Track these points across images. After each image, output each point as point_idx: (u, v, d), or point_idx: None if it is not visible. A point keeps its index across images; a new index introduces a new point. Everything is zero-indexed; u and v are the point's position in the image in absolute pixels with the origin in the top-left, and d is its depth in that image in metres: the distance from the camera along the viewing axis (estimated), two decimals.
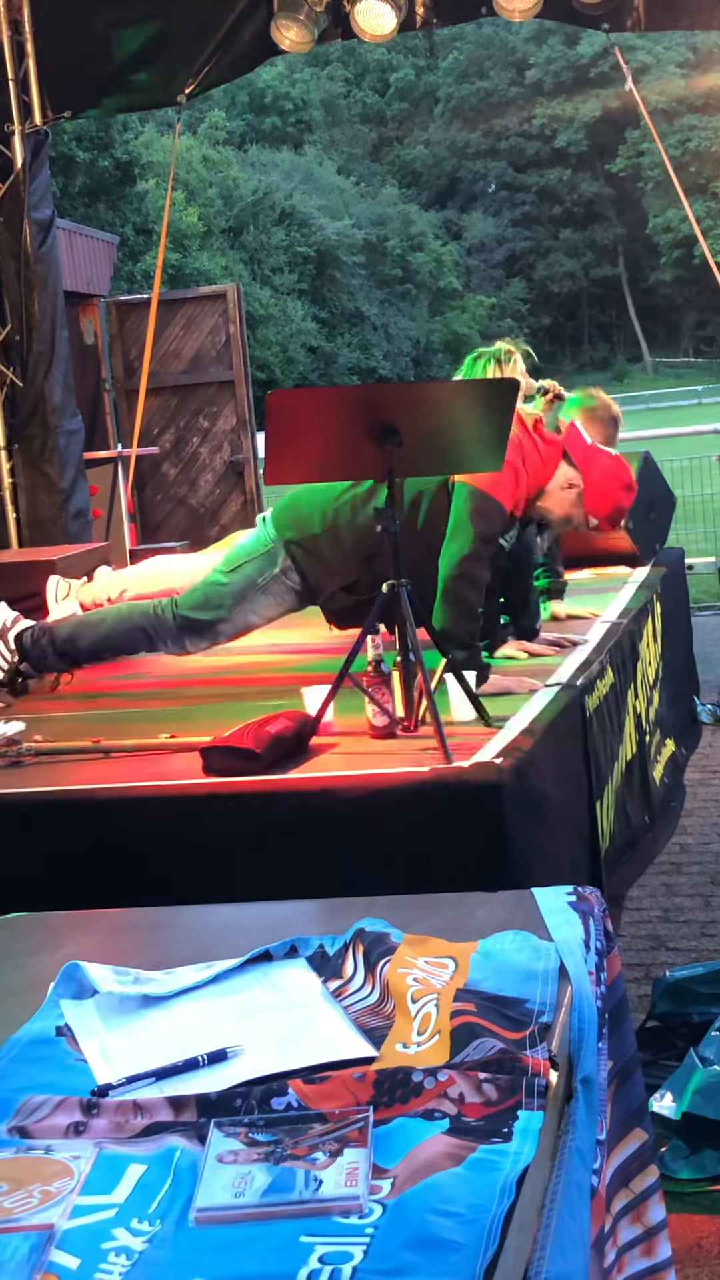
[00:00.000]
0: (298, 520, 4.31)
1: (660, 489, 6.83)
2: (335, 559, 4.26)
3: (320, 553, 4.27)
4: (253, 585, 4.34)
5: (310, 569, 4.31)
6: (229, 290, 10.94)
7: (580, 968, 1.84)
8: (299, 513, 4.32)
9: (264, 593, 4.36)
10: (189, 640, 4.42)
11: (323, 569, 4.29)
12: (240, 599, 4.36)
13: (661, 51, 65.51)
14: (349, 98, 74.40)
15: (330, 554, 4.25)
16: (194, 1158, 1.46)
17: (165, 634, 4.41)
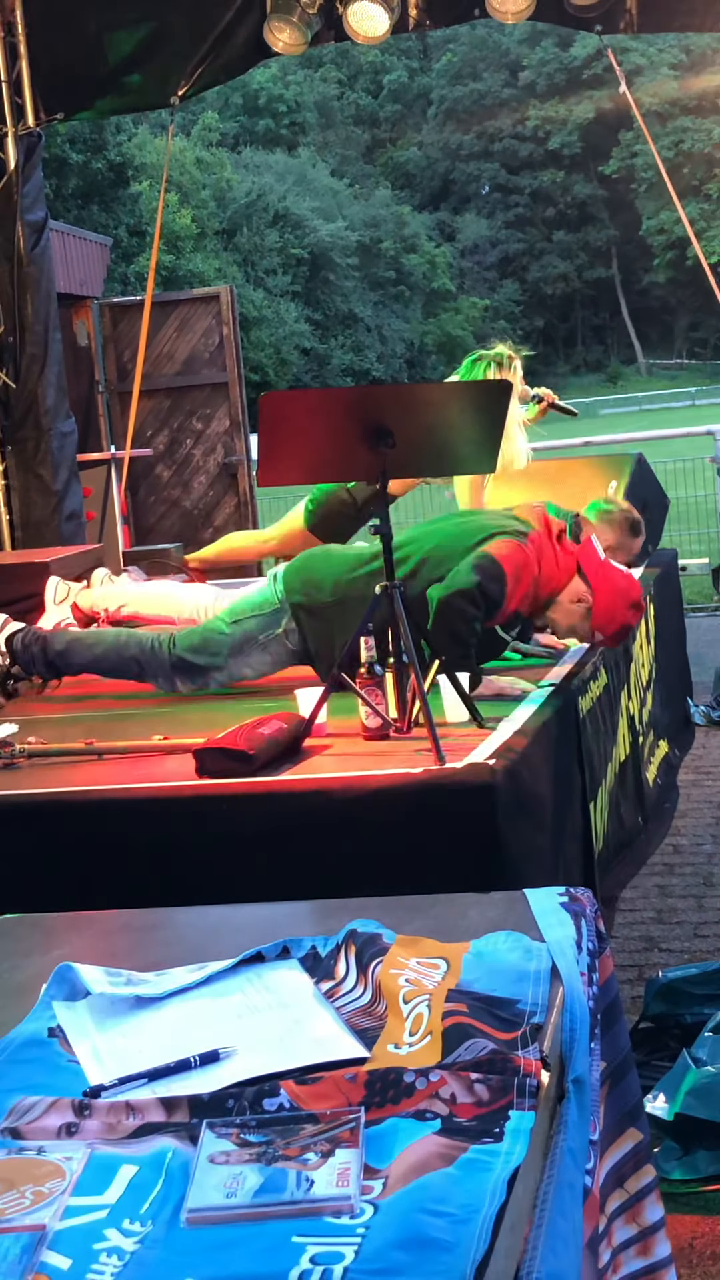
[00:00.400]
0: (308, 586, 4.27)
1: (653, 491, 6.84)
2: (340, 629, 4.18)
3: (327, 621, 4.22)
4: (252, 640, 4.32)
5: (314, 634, 4.26)
6: (222, 292, 10.94)
7: (572, 968, 1.84)
8: (311, 577, 4.28)
9: (263, 649, 4.33)
10: (180, 679, 4.39)
11: (326, 636, 4.23)
12: (237, 651, 4.33)
13: (655, 53, 65.61)
14: (342, 99, 74.43)
15: (336, 624, 4.19)
16: (186, 1158, 1.47)
17: (158, 669, 4.38)
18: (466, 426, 3.66)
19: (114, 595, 5.01)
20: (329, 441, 3.59)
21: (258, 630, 4.31)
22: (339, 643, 4.15)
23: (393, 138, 76.43)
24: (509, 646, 4.49)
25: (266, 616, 4.31)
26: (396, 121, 76.82)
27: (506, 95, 72.94)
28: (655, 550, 6.82)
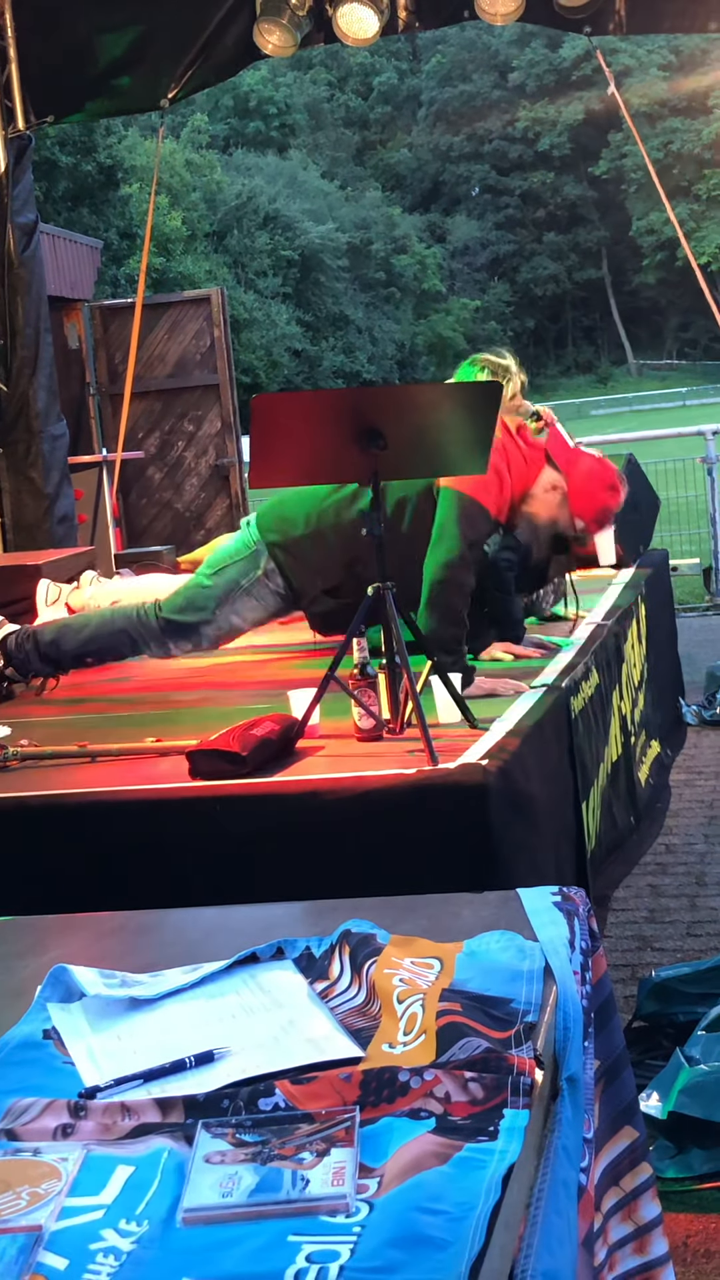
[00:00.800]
0: (281, 523, 4.31)
1: (644, 491, 6.85)
2: (318, 562, 4.26)
3: (303, 555, 4.28)
4: (236, 587, 4.35)
5: (293, 571, 4.31)
6: (213, 294, 10.94)
7: (565, 967, 1.85)
8: (283, 515, 4.33)
9: (247, 594, 4.37)
10: (172, 643, 4.43)
11: (306, 571, 4.29)
12: (223, 601, 4.37)
13: (644, 54, 65.73)
14: (332, 101, 74.45)
15: (313, 556, 4.26)
16: (181, 1158, 1.47)
17: (149, 636, 4.41)
18: (458, 427, 3.67)
19: (105, 593, 5.03)
20: (321, 443, 3.60)
21: (239, 576, 4.34)
22: (319, 575, 4.21)
23: (383, 139, 76.50)
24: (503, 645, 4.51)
25: (245, 561, 4.35)
26: (386, 123, 76.88)
27: (496, 97, 73.03)
28: (646, 551, 6.84)
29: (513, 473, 4.17)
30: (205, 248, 51.11)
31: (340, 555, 4.24)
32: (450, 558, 3.94)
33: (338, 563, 4.26)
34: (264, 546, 4.32)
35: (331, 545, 4.24)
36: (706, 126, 64.73)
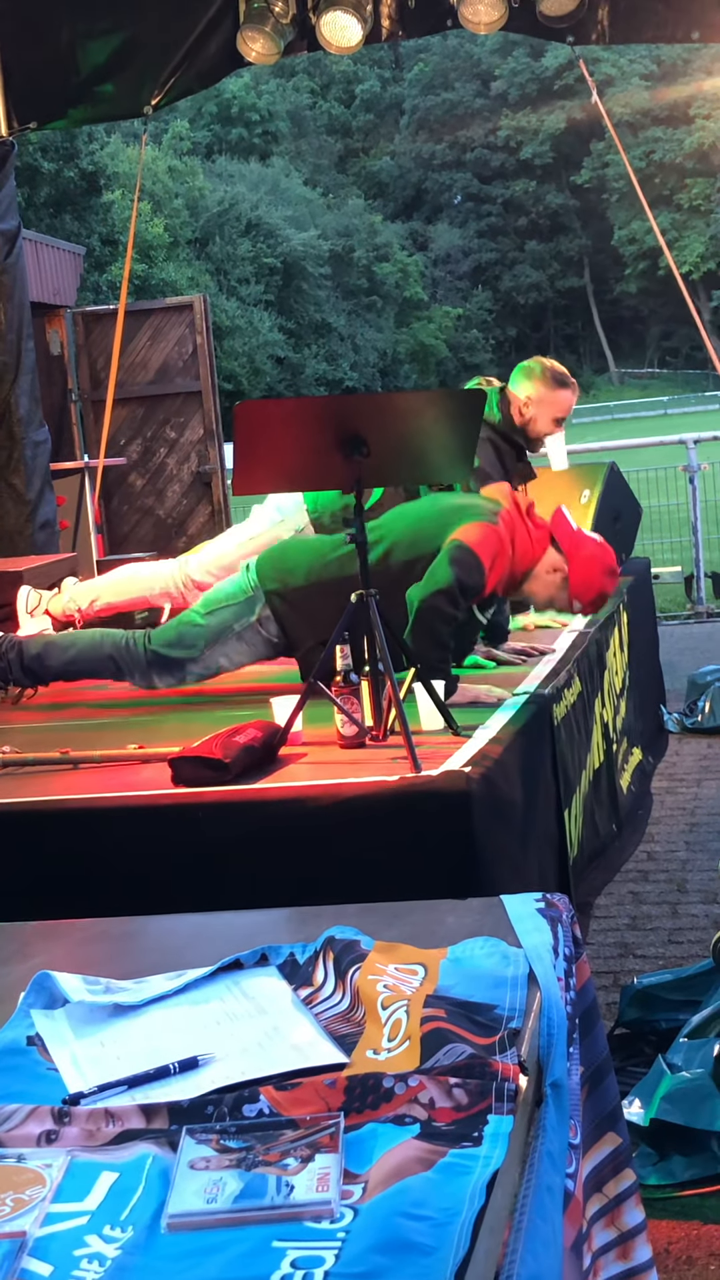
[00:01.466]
0: (281, 572, 4.29)
1: (626, 499, 6.87)
2: (315, 614, 4.21)
3: (301, 606, 4.25)
4: (228, 630, 4.34)
5: (289, 621, 4.29)
6: (195, 301, 10.94)
7: (549, 973, 1.85)
8: (284, 564, 4.31)
9: (238, 639, 4.35)
10: (156, 676, 4.41)
11: (302, 622, 4.26)
12: (213, 642, 4.35)
13: (626, 64, 65.97)
14: (315, 109, 74.55)
15: (311, 608, 4.22)
16: (166, 1164, 1.47)
17: (134, 667, 4.40)
18: (441, 435, 3.68)
19: (84, 593, 5.02)
20: (304, 450, 3.60)
21: (233, 619, 4.33)
22: (315, 627, 4.19)
23: (365, 147, 76.60)
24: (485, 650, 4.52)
25: (241, 605, 4.34)
26: (369, 131, 76.99)
27: (478, 105, 73.19)
28: (628, 559, 6.86)
29: (517, 548, 4.14)
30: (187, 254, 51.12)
31: (337, 610, 4.22)
32: (440, 587, 3.88)
33: (334, 616, 4.24)
34: (261, 593, 4.30)
35: (330, 599, 4.20)
36: (688, 136, 64.98)
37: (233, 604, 4.35)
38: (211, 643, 4.35)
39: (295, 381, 54.48)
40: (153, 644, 4.37)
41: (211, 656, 4.37)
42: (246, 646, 4.37)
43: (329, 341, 59.18)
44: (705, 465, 10.88)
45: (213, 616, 4.36)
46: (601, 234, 71.90)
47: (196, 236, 53.02)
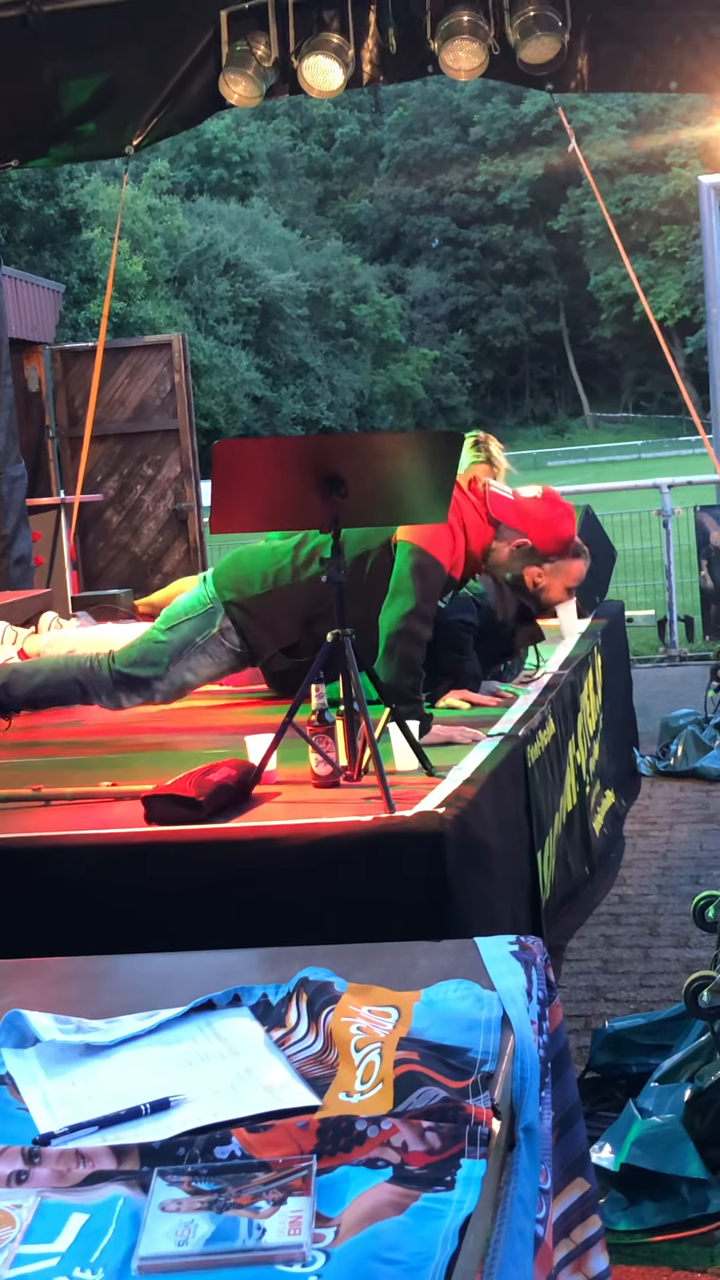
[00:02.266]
0: (238, 581, 4.32)
1: (601, 542, 6.90)
2: (275, 621, 4.28)
3: (260, 614, 4.29)
4: (190, 644, 4.35)
5: (250, 630, 4.32)
6: (174, 339, 10.98)
7: (523, 1017, 1.85)
8: (240, 573, 4.34)
9: (202, 652, 4.37)
10: (124, 695, 4.42)
11: (262, 630, 4.30)
12: (177, 657, 4.36)
13: (604, 112, 66.61)
14: (295, 151, 75.02)
15: (270, 616, 4.27)
16: (137, 1206, 1.46)
17: (100, 688, 4.40)
18: (419, 476, 3.69)
19: (61, 640, 5.01)
20: (282, 489, 3.60)
21: (194, 633, 4.35)
22: (276, 635, 4.23)
23: (344, 190, 77.08)
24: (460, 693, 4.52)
25: (201, 618, 4.35)
26: (348, 174, 77.50)
27: (457, 150, 73.77)
28: (603, 602, 6.88)
29: (470, 531, 4.21)
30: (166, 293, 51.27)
31: (298, 615, 4.26)
32: (406, 610, 3.96)
33: (295, 622, 4.28)
34: (220, 604, 4.33)
35: (289, 605, 4.26)
36: (664, 184, 65.55)
37: (193, 617, 4.36)
38: (175, 658, 4.36)
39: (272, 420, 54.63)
40: (117, 664, 4.38)
41: (177, 672, 4.38)
42: (210, 659, 4.39)
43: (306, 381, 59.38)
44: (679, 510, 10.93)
45: (174, 632, 4.37)
46: (578, 279, 72.43)
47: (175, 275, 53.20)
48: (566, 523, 4.38)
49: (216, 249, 55.72)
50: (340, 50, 6.87)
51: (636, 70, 6.96)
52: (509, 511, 4.30)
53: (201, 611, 4.36)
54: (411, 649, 3.95)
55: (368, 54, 6.99)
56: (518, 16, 6.67)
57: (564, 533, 4.34)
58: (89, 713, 4.89)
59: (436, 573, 4.06)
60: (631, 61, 6.94)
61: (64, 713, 4.86)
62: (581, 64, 6.89)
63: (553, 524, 4.34)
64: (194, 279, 54.23)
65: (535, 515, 4.32)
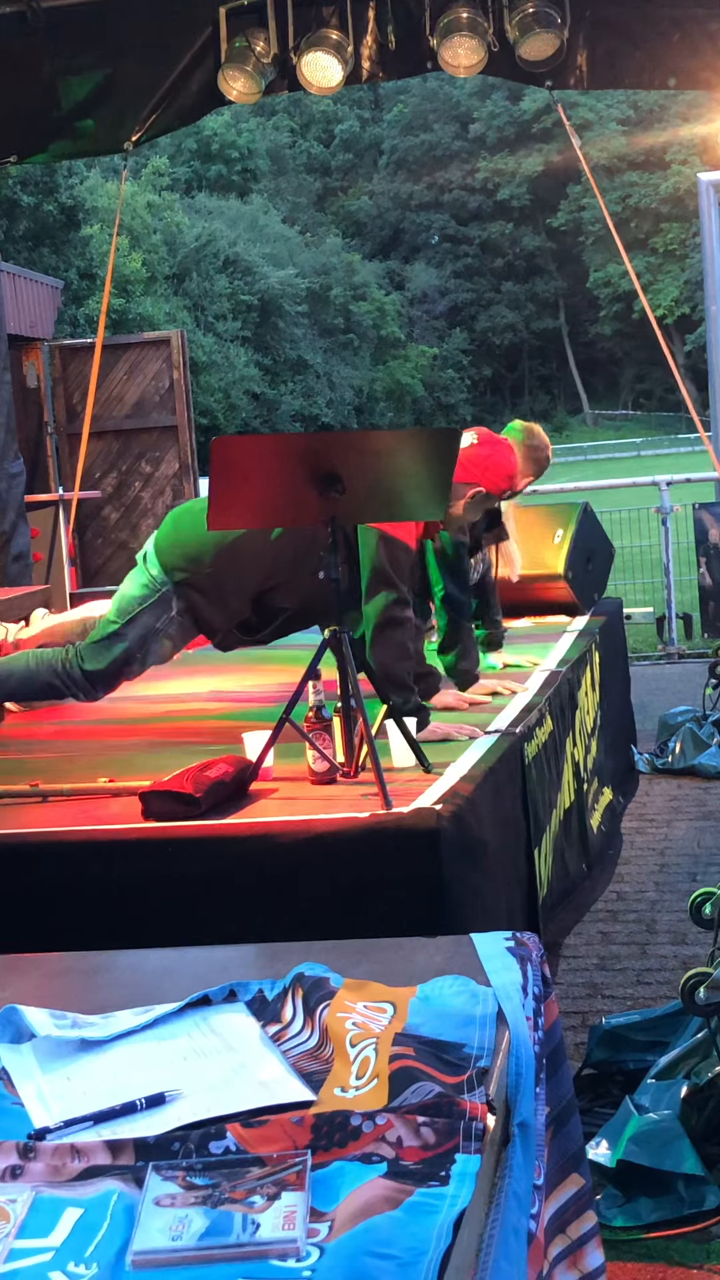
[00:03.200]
0: (187, 560, 4.29)
1: (599, 540, 6.90)
2: (227, 598, 4.28)
3: (212, 591, 4.28)
4: (151, 632, 4.35)
5: (204, 609, 4.32)
6: (173, 336, 10.97)
7: (518, 1013, 1.85)
8: (186, 552, 4.30)
9: (163, 635, 4.37)
10: (99, 689, 4.41)
11: (215, 608, 4.30)
12: (140, 644, 4.36)
13: (603, 109, 66.54)
14: (294, 148, 74.92)
15: (223, 591, 4.28)
16: (131, 1201, 1.46)
17: (75, 686, 4.39)
18: (416, 473, 3.69)
19: (48, 628, 5.00)
20: (280, 486, 3.60)
21: (153, 621, 4.35)
22: (228, 610, 4.25)
23: (344, 186, 76.99)
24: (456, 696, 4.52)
25: (155, 605, 4.35)
26: (348, 170, 77.42)
27: (457, 147, 73.68)
28: (601, 599, 6.88)
29: None
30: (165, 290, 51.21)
31: (251, 589, 4.26)
32: (389, 601, 4.03)
33: (247, 596, 4.28)
34: (171, 587, 4.31)
35: (241, 578, 4.25)
36: (664, 181, 65.51)
37: (147, 605, 4.35)
38: (139, 644, 4.36)
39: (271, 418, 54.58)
40: (86, 664, 4.36)
41: (143, 657, 4.40)
42: (171, 641, 4.42)
43: (305, 378, 59.32)
44: (678, 507, 10.93)
45: (131, 626, 4.35)
46: (577, 276, 72.37)
47: (174, 272, 53.12)
48: (509, 457, 4.49)
49: (215, 245, 55.63)
50: (339, 46, 6.87)
51: (635, 67, 6.95)
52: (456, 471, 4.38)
53: (154, 598, 4.34)
54: (399, 635, 4.01)
55: (367, 50, 6.99)
56: (516, 13, 6.67)
57: (509, 469, 4.47)
58: (86, 709, 4.90)
59: (406, 555, 4.12)
60: (630, 58, 6.93)
61: (61, 710, 4.86)
62: (580, 61, 6.89)
63: (498, 466, 4.45)
64: (193, 275, 54.15)
65: (480, 463, 4.42)
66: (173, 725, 4.63)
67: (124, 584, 4.46)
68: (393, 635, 3.99)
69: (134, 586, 4.39)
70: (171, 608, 4.33)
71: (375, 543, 4.07)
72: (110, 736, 4.56)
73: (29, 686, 4.44)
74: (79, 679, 4.37)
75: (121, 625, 4.36)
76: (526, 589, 5.95)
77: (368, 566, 4.07)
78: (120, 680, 4.43)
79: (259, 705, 4.70)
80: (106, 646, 4.36)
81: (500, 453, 4.49)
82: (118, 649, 4.34)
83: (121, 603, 4.39)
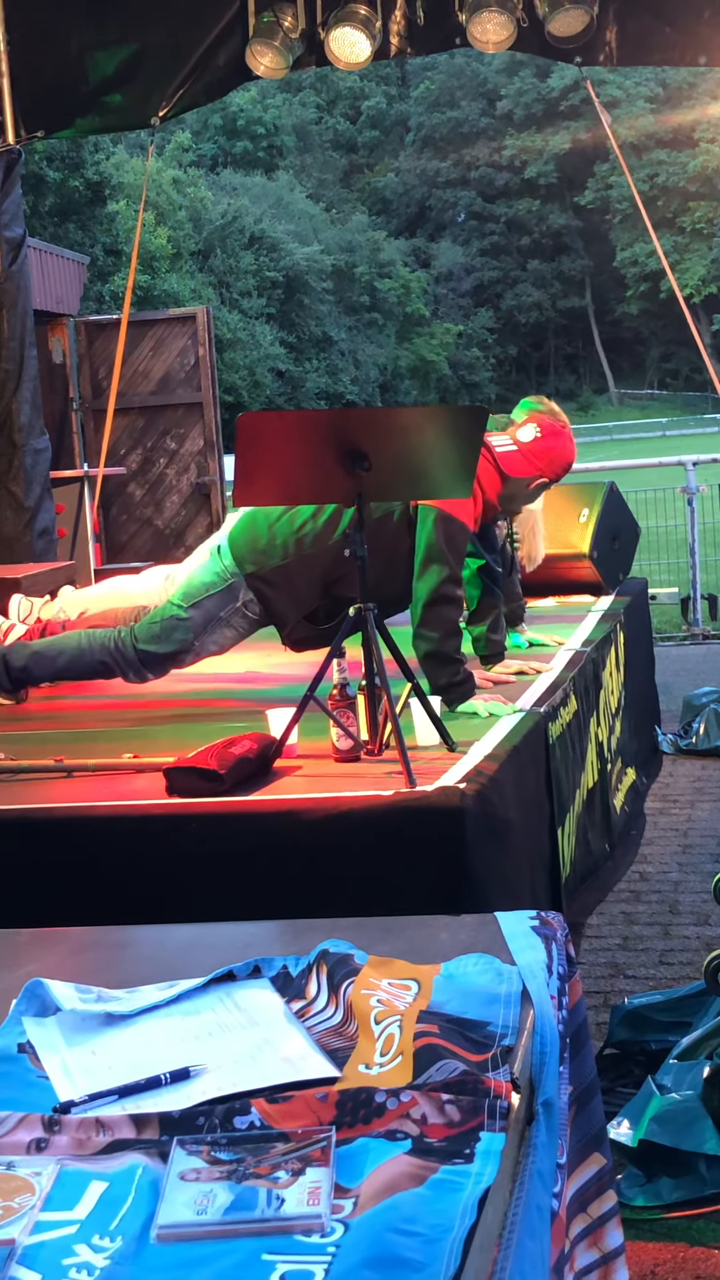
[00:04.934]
0: (257, 554, 4.32)
1: (625, 519, 6.88)
2: (298, 590, 4.29)
3: (282, 584, 4.30)
4: (214, 619, 4.37)
5: (273, 601, 4.34)
6: (198, 313, 10.95)
7: (542, 991, 1.85)
8: (258, 545, 4.34)
9: (225, 625, 4.39)
10: (150, 671, 4.44)
11: (286, 600, 4.32)
12: (201, 632, 4.38)
13: (632, 86, 66.15)
14: (320, 124, 74.68)
15: (292, 585, 4.29)
16: (156, 1175, 1.46)
17: (127, 666, 4.41)
18: (442, 451, 3.69)
19: (73, 603, 5.00)
20: (305, 463, 3.60)
21: (217, 609, 4.37)
22: (298, 603, 4.29)
23: (370, 163, 76.75)
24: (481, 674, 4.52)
25: (222, 593, 4.37)
26: (374, 147, 77.16)
27: (484, 124, 73.35)
28: (626, 579, 6.86)
29: (483, 483, 4.32)
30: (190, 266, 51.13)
31: (319, 581, 4.28)
32: (442, 578, 4.07)
33: (316, 589, 4.29)
34: (242, 578, 4.33)
35: (311, 572, 4.27)
36: (692, 159, 65.17)
37: (214, 592, 4.37)
38: (200, 633, 4.39)
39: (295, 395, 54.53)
40: (141, 644, 4.39)
41: (201, 645, 4.43)
42: (233, 630, 4.44)
43: (330, 356, 59.22)
44: (704, 487, 10.89)
45: (196, 609, 4.38)
46: (604, 255, 72.06)
47: (199, 249, 53.06)
48: (569, 446, 4.58)
49: (241, 222, 55.54)
50: (368, 22, 6.83)
51: (665, 44, 6.90)
52: (520, 463, 4.45)
53: (223, 587, 4.37)
54: (451, 612, 4.08)
55: (395, 26, 6.95)
56: None
57: (569, 457, 4.57)
58: (112, 684, 4.90)
59: (463, 535, 4.16)
60: (660, 35, 6.88)
61: (87, 685, 4.87)
62: (610, 37, 6.84)
63: (561, 456, 4.53)
64: (218, 252, 54.08)
65: (545, 454, 4.50)
66: (197, 701, 4.63)
67: (193, 573, 4.48)
68: (444, 611, 4.04)
69: (204, 574, 4.43)
70: (238, 598, 4.36)
71: (433, 521, 4.09)
72: (135, 710, 4.56)
73: (78, 665, 4.45)
74: (133, 658, 4.39)
75: (186, 608, 4.38)
76: (551, 568, 5.93)
77: (423, 543, 4.10)
78: (172, 665, 4.44)
79: (283, 684, 4.70)
80: (165, 625, 4.38)
81: (563, 444, 4.56)
82: (178, 632, 4.36)
83: (189, 588, 4.42)
